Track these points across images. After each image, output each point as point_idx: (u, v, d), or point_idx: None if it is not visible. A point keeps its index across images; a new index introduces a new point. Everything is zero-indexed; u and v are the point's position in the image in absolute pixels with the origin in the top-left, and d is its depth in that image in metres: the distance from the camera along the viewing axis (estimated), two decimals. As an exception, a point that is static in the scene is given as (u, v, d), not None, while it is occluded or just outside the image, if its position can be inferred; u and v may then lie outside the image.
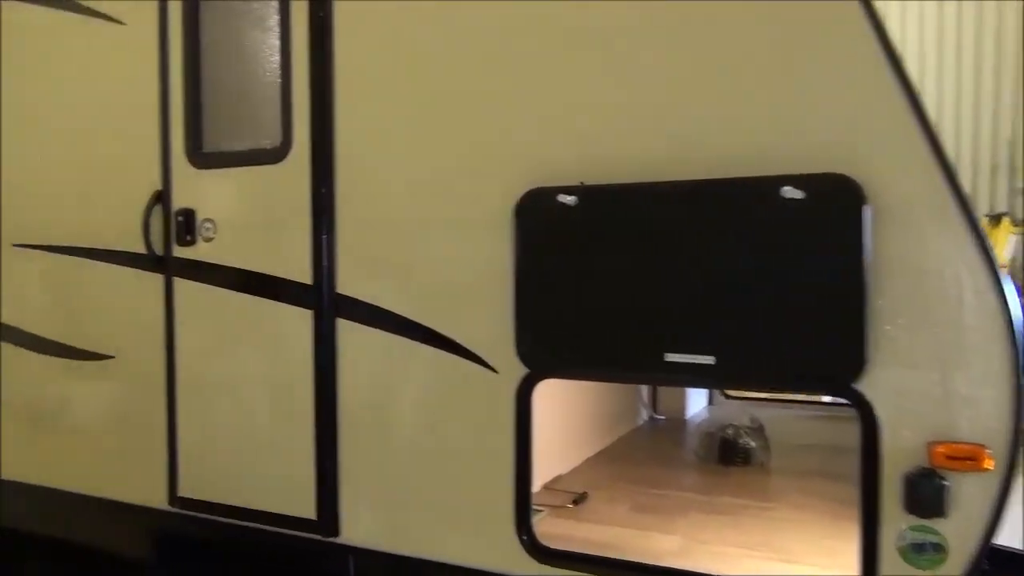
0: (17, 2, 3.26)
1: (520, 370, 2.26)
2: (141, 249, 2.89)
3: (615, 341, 2.11)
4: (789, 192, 1.89)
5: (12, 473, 3.37)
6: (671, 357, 2.02)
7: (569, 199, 2.14)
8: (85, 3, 3.07)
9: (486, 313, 2.31)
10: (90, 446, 3.14)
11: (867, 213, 1.84)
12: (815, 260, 1.89)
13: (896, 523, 1.88)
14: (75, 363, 3.15)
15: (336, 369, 2.57)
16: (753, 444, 3.45)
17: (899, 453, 1.87)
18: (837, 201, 1.87)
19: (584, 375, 2.51)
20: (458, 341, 2.36)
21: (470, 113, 2.34)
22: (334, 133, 2.55)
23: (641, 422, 4.46)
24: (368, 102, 2.50)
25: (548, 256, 2.18)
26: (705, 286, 2.00)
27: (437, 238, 2.40)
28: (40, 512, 3.31)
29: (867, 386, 1.87)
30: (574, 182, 2.16)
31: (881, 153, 1.87)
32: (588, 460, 3.59)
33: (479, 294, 2.32)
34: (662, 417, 4.60)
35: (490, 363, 2.32)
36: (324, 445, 2.58)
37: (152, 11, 2.87)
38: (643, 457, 3.66)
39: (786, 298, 1.91)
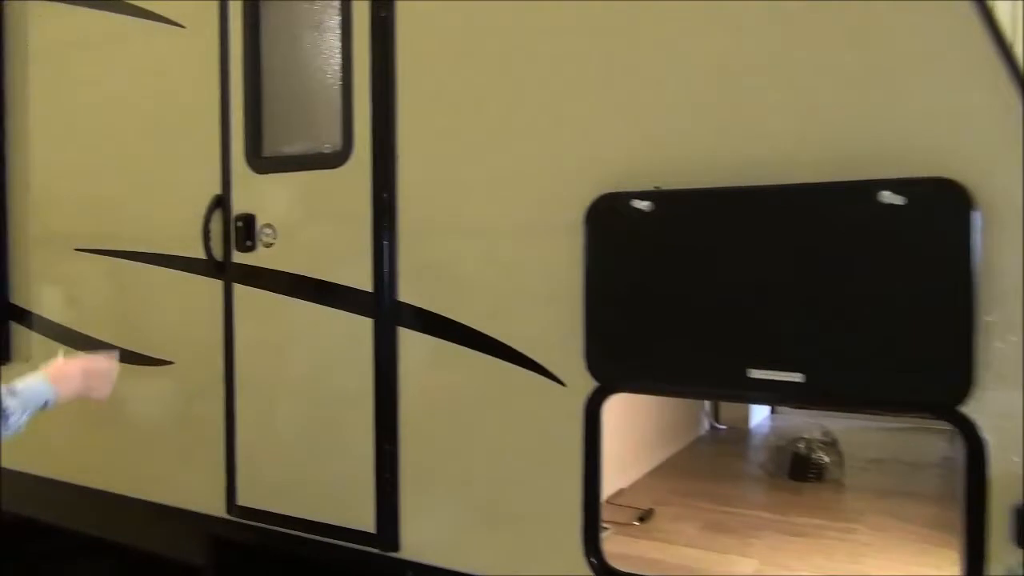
0: (77, 7, 3.27)
1: (589, 384, 2.15)
2: (201, 254, 2.86)
3: (693, 355, 1.99)
4: (888, 197, 1.75)
5: (68, 474, 3.38)
6: (755, 373, 1.89)
7: (644, 204, 2.02)
8: (145, 7, 3.06)
9: (554, 323, 2.21)
10: (148, 451, 3.13)
11: (975, 220, 1.69)
12: (917, 271, 1.74)
13: (1004, 558, 1.72)
14: (135, 367, 3.14)
15: (397, 379, 2.50)
16: (827, 459, 3.29)
17: (1008, 482, 1.72)
18: (942, 207, 1.72)
19: (658, 390, 2.39)
20: (523, 352, 2.27)
21: (538, 114, 2.24)
22: (396, 136, 2.47)
23: (703, 432, 4.31)
24: (431, 104, 2.42)
25: (621, 264, 2.07)
26: (794, 298, 1.87)
27: (503, 245, 2.31)
28: (96, 514, 3.32)
29: (974, 409, 1.71)
30: (648, 186, 2.05)
31: (991, 155, 1.72)
32: (650, 473, 3.46)
33: (546, 303, 2.23)
34: (724, 427, 4.45)
35: (558, 376, 2.22)
36: (384, 457, 2.51)
37: (212, 14, 2.84)
38: (708, 471, 3.52)
39: (884, 312, 1.77)
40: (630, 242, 2.06)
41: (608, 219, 2.08)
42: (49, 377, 2.09)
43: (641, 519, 2.81)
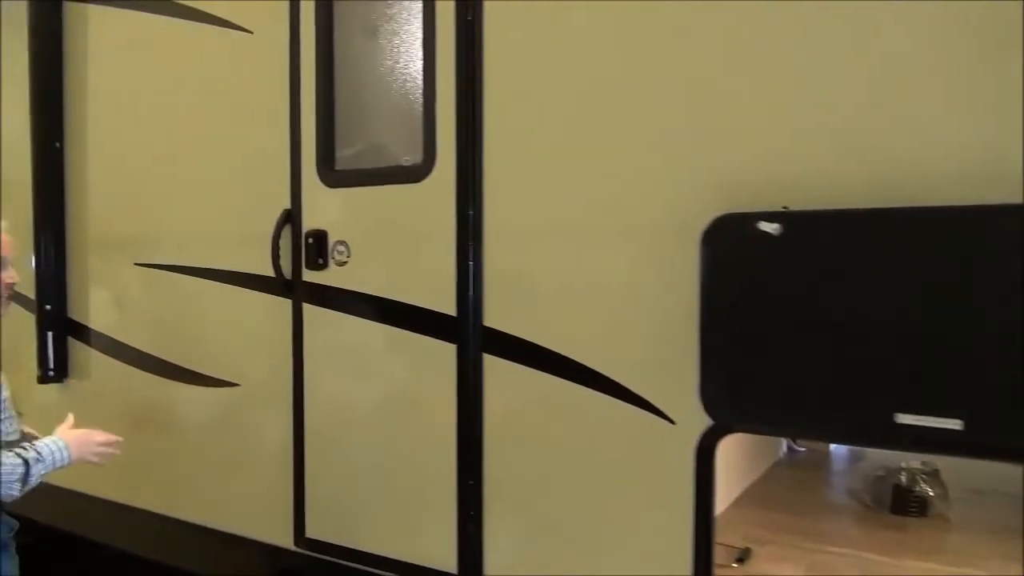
0: (139, 12, 3.15)
1: (703, 422, 1.95)
2: (269, 272, 2.71)
3: (830, 396, 1.78)
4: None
5: (129, 497, 3.26)
6: (904, 419, 1.68)
7: (771, 227, 1.82)
8: (210, 11, 2.92)
9: (662, 355, 2.01)
10: (211, 475, 3.00)
11: None
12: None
13: None
14: (198, 388, 3.01)
15: (482, 410, 2.32)
16: (931, 492, 3.04)
17: None
18: None
19: (784, 432, 2.18)
20: (626, 386, 2.08)
21: (646, 126, 2.05)
22: (483, 149, 2.30)
23: (781, 454, 4.07)
24: (523, 114, 2.24)
25: (745, 291, 1.87)
26: (951, 333, 1.65)
27: (604, 268, 2.12)
28: (158, 540, 3.19)
29: None
30: (774, 206, 1.84)
31: None
32: (735, 503, 3.24)
33: (654, 333, 2.03)
34: (802, 448, 4.20)
35: (666, 412, 2.03)
36: (468, 494, 2.34)
37: (282, 18, 2.69)
38: (798, 502, 3.29)
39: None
40: (755, 268, 1.85)
41: (729, 242, 1.88)
42: (71, 446, 2.18)
43: (740, 560, 2.59)
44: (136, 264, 3.18)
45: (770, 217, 1.82)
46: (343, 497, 2.63)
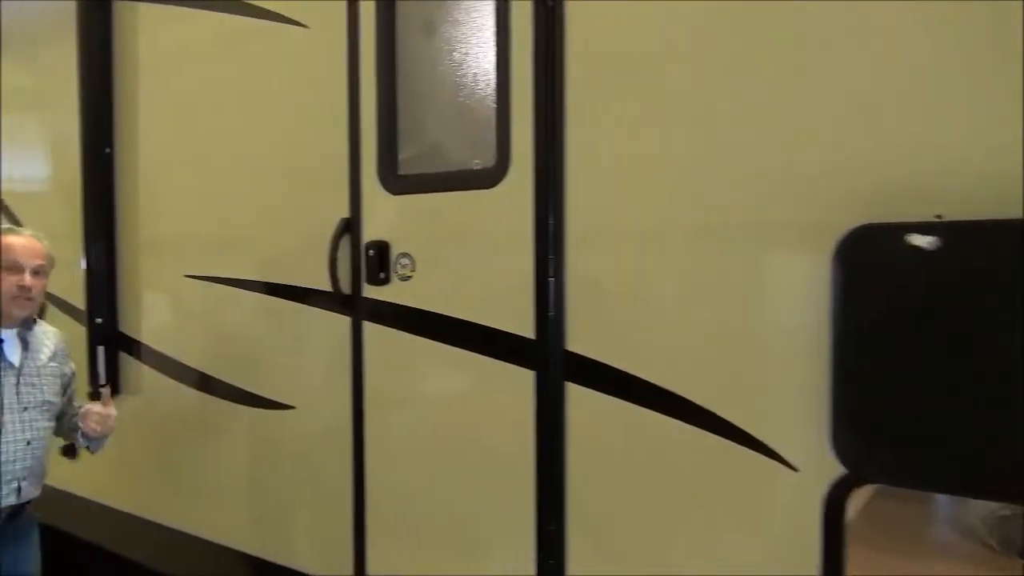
0: (188, 9, 2.96)
1: (833, 470, 1.66)
2: (326, 286, 2.48)
3: (997, 449, 1.47)
4: None
5: (180, 522, 3.08)
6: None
7: (925, 240, 1.51)
8: (262, 5, 2.70)
9: (784, 391, 1.72)
10: (264, 504, 2.79)
11: None
12: None
13: None
14: (250, 410, 2.81)
15: (564, 446, 2.05)
16: (1068, 536, 2.66)
17: None
18: None
19: (936, 488, 1.86)
20: (737, 425, 1.79)
21: (764, 124, 1.75)
22: (564, 150, 2.03)
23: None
24: (611, 114, 1.97)
25: (890, 317, 1.56)
26: None
27: (709, 289, 1.83)
28: (209, 569, 3.01)
29: None
30: (927, 216, 1.53)
31: None
32: (836, 539, 2.91)
33: (771, 364, 1.74)
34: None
35: (786, 457, 1.73)
36: (548, 539, 2.07)
37: (339, 11, 2.46)
38: (908, 542, 2.94)
39: None
40: (903, 289, 1.55)
41: (869, 257, 1.57)
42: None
43: (854, 615, 2.27)
44: (186, 276, 2.99)
45: (922, 228, 1.51)
46: (407, 532, 2.39)
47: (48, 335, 2.56)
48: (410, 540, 2.39)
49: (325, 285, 2.49)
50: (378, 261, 2.38)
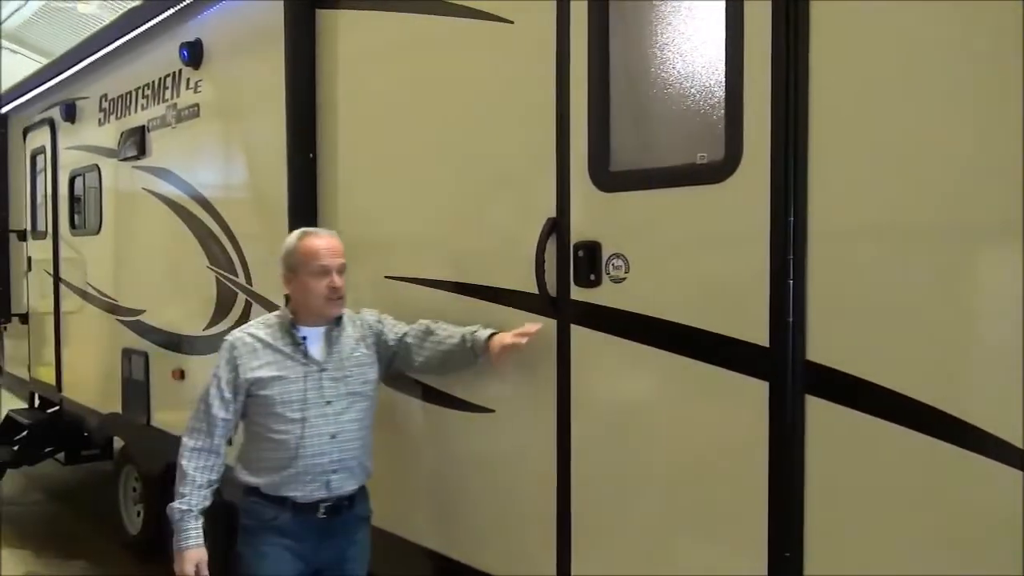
0: (388, 13, 2.98)
1: None
2: (532, 289, 2.41)
3: None
4: None
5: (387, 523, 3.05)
6: None
7: None
8: (464, 4, 2.67)
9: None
10: (467, 510, 2.75)
11: None
12: None
13: None
14: (449, 412, 2.79)
15: (804, 466, 1.86)
16: None
17: None
18: None
19: None
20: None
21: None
22: (808, 140, 1.84)
23: None
24: (866, 94, 1.76)
25: None
26: None
27: (965, 292, 1.58)
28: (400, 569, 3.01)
29: None
30: None
31: None
32: None
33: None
34: None
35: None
36: (783, 565, 1.88)
37: (544, 6, 2.37)
38: None
39: None
40: None
41: None
42: None
43: None
44: (387, 277, 3.03)
45: None
46: (617, 546, 2.28)
47: (350, 324, 2.58)
48: (618, 551, 2.27)
49: (529, 287, 2.42)
50: (588, 262, 2.28)
